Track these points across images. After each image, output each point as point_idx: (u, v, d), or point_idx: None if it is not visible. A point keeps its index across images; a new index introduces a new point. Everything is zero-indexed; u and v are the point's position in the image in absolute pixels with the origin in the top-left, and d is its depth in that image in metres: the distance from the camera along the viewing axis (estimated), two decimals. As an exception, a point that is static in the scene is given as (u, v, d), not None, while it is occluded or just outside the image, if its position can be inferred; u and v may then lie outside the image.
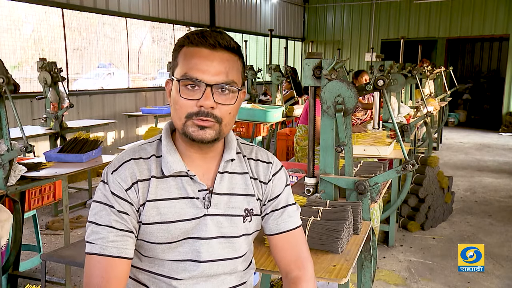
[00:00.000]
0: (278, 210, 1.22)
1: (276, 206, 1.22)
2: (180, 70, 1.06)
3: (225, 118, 1.07)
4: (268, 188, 1.22)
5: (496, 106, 11.73)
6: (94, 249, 1.05)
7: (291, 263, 1.22)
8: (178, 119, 1.07)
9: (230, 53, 1.07)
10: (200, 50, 1.05)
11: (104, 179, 1.09)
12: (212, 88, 1.04)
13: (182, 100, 1.05)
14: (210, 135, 1.06)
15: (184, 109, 1.05)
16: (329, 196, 2.14)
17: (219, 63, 1.05)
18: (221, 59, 1.05)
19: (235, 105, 1.09)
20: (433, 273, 3.33)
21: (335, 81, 2.01)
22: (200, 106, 1.04)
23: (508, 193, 5.48)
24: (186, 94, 1.05)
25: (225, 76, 1.05)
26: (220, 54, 1.05)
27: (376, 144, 3.22)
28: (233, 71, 1.07)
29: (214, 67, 1.04)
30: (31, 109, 5.53)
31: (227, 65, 1.06)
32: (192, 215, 1.11)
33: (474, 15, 10.96)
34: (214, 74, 1.04)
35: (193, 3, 8.47)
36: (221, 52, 1.06)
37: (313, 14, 12.97)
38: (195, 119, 1.05)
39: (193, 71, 1.04)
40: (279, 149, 5.62)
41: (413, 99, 6.09)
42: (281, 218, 1.22)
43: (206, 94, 1.04)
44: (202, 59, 1.04)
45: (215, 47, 1.05)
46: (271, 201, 1.22)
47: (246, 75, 7.35)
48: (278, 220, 1.22)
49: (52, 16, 6.05)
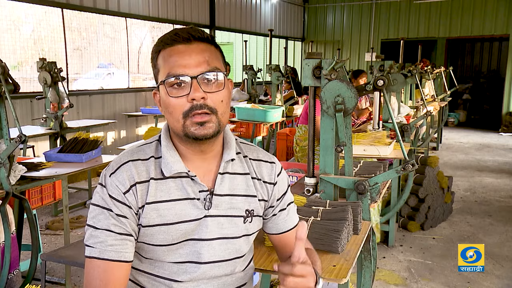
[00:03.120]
0: (285, 209, 1.25)
1: (283, 206, 1.25)
2: (163, 73, 1.06)
3: (219, 108, 1.07)
4: (275, 189, 1.22)
5: (496, 106, 11.73)
6: (93, 253, 1.04)
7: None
8: (175, 121, 1.07)
9: (205, 43, 1.08)
10: (176, 47, 1.06)
11: (102, 182, 1.09)
12: (197, 79, 1.04)
13: (173, 101, 1.05)
14: (211, 129, 1.06)
15: (178, 110, 1.05)
16: (329, 196, 2.14)
17: (197, 54, 1.05)
18: (199, 49, 1.06)
19: (225, 91, 1.08)
20: (433, 273, 3.33)
21: (335, 81, 2.01)
22: (192, 100, 1.04)
23: (508, 193, 5.48)
24: (175, 93, 1.05)
25: (206, 64, 1.05)
26: (196, 45, 1.06)
27: (376, 144, 3.22)
28: (213, 59, 1.07)
29: (193, 59, 1.05)
30: (31, 109, 5.53)
31: (206, 54, 1.06)
32: (193, 216, 1.11)
33: (474, 15, 10.96)
34: (196, 66, 1.04)
35: (193, 3, 8.47)
36: (197, 43, 1.06)
37: (313, 14, 12.97)
38: (192, 115, 1.04)
39: (175, 68, 1.04)
40: (279, 149, 5.62)
41: (413, 99, 6.09)
42: (288, 215, 1.26)
43: (194, 86, 1.03)
44: (180, 55, 1.05)
45: (190, 40, 1.06)
46: (278, 200, 1.24)
47: (247, 75, 7.36)
48: (286, 219, 1.25)
49: (52, 16, 6.04)
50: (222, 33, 9.74)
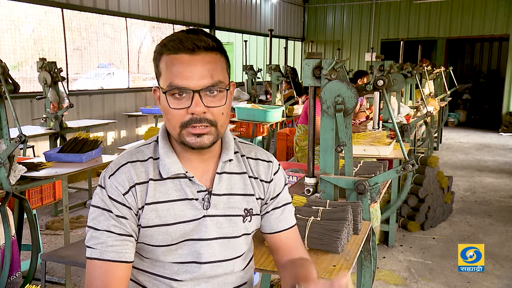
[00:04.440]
0: (279, 208, 1.23)
1: (277, 205, 1.23)
2: (165, 80, 1.04)
3: (219, 120, 1.06)
4: (270, 187, 1.22)
5: (496, 106, 11.73)
6: (94, 254, 1.05)
7: (295, 253, 1.22)
8: (172, 128, 1.06)
9: (211, 52, 1.04)
10: (180, 56, 1.02)
11: (101, 184, 1.09)
12: (199, 93, 1.02)
13: (173, 111, 1.04)
14: (208, 141, 1.05)
15: (176, 119, 1.04)
16: (329, 196, 2.14)
17: (201, 67, 1.02)
18: (203, 61, 1.02)
19: (226, 104, 1.07)
20: (433, 273, 3.34)
21: (335, 81, 2.01)
22: (192, 114, 1.03)
23: (508, 193, 5.48)
24: (175, 104, 1.03)
25: (210, 78, 1.02)
26: (201, 56, 1.02)
27: (376, 144, 3.22)
28: (217, 71, 1.04)
29: (197, 72, 1.02)
30: (31, 109, 5.53)
31: (210, 67, 1.03)
32: (192, 216, 1.11)
33: (474, 15, 10.96)
34: (199, 79, 1.02)
35: (193, 3, 8.47)
36: (202, 54, 1.02)
37: (313, 14, 12.96)
38: (190, 127, 1.03)
39: (177, 79, 1.02)
40: (279, 149, 5.62)
41: (413, 99, 6.09)
42: (283, 215, 1.24)
43: (195, 100, 1.02)
44: (183, 66, 1.02)
45: (194, 50, 1.02)
46: (273, 199, 1.23)
47: (247, 75, 7.35)
48: (280, 218, 1.23)
49: (52, 16, 6.04)
50: (222, 33, 9.74)
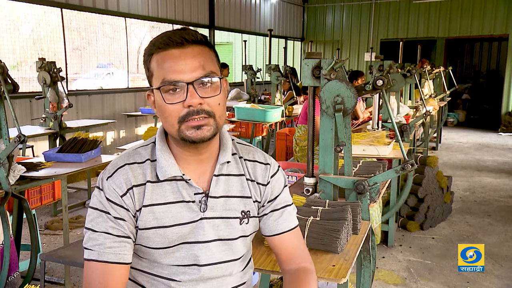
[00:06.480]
0: (278, 211, 1.22)
1: (276, 207, 1.22)
2: (157, 78, 1.05)
3: (216, 111, 1.06)
4: (267, 190, 1.21)
5: (495, 106, 11.73)
6: (92, 256, 1.05)
7: (297, 257, 1.22)
8: (170, 126, 1.06)
9: (199, 45, 1.06)
10: (169, 52, 1.04)
11: (99, 185, 1.09)
12: (193, 85, 1.03)
13: (169, 107, 1.04)
14: (209, 132, 1.05)
15: (174, 115, 1.04)
16: (328, 196, 2.14)
17: (192, 59, 1.04)
18: (193, 54, 1.04)
19: (221, 94, 1.07)
20: (432, 273, 3.34)
21: (334, 81, 2.01)
22: (189, 106, 1.03)
23: (507, 193, 5.49)
24: (170, 99, 1.04)
25: (202, 69, 1.04)
26: (190, 49, 1.04)
27: (375, 144, 3.22)
28: (208, 62, 1.06)
29: (188, 64, 1.03)
30: (30, 109, 5.53)
31: (200, 58, 1.04)
32: (189, 219, 1.11)
33: (473, 15, 10.96)
34: (191, 71, 1.03)
35: (193, 3, 8.47)
36: (191, 47, 1.04)
37: (312, 14, 12.97)
38: (188, 120, 1.04)
39: (169, 74, 1.03)
40: (278, 149, 5.62)
41: (412, 99, 6.09)
42: (282, 217, 1.22)
43: (190, 92, 1.02)
44: (174, 60, 1.03)
45: (183, 44, 1.04)
46: (270, 202, 1.22)
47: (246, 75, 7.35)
48: (278, 220, 1.22)
49: (51, 16, 6.04)
50: (222, 33, 9.75)
